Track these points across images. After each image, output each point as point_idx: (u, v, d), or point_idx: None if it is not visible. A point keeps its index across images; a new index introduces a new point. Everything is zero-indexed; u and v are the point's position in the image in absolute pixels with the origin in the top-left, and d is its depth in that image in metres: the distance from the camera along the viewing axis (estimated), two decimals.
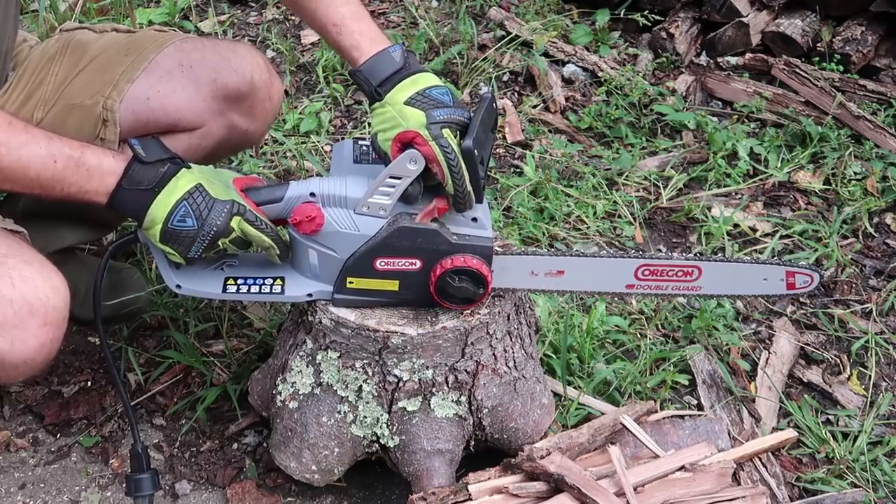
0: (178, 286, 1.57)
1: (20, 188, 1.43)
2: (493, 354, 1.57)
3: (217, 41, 1.77)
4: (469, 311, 1.53)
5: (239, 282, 1.57)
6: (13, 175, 1.39)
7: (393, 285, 1.51)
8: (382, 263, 1.48)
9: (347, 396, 1.56)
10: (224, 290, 1.56)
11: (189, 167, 1.47)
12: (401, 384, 1.53)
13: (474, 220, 1.49)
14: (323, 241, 1.50)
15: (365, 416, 1.57)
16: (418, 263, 1.48)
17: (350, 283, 1.51)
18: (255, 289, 1.56)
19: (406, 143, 1.42)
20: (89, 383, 1.96)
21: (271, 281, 1.57)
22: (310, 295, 1.55)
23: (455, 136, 1.42)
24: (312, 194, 1.48)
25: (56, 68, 1.72)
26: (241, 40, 3.21)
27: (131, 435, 1.61)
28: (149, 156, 1.42)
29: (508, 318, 1.59)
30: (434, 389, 1.55)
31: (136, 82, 1.65)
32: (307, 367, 1.59)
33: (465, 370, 1.55)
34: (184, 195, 1.41)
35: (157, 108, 1.66)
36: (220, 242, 1.45)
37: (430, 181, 1.45)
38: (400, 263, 1.48)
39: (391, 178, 1.44)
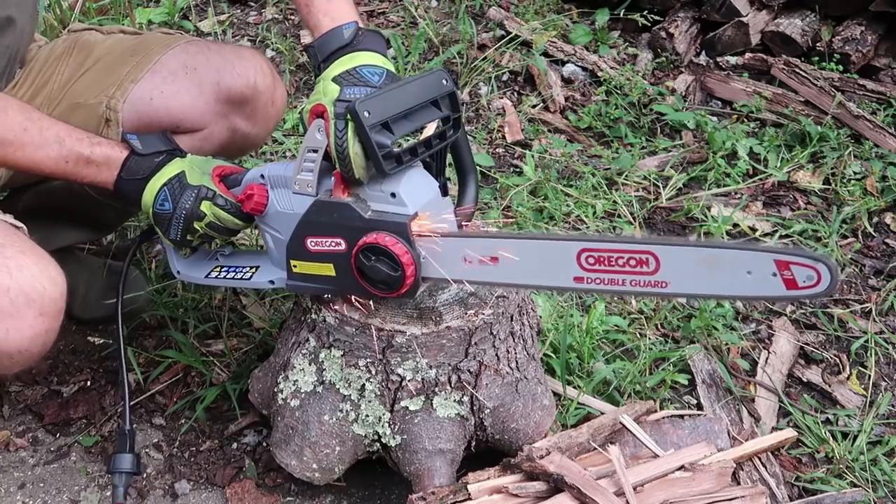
0: (179, 272, 1.70)
1: (37, 177, 1.54)
2: (496, 355, 1.57)
3: (223, 45, 1.80)
4: (473, 312, 1.51)
5: (223, 269, 1.66)
6: (28, 171, 1.51)
7: (329, 269, 1.46)
8: (313, 243, 1.45)
9: (350, 395, 1.56)
10: (208, 275, 1.66)
11: (183, 157, 1.56)
12: (403, 383, 1.53)
13: (393, 195, 1.39)
14: (272, 224, 1.52)
15: (367, 415, 1.57)
16: (342, 244, 1.42)
17: (294, 266, 1.50)
18: (230, 275, 1.64)
19: (319, 116, 1.42)
20: (89, 383, 1.96)
21: (247, 269, 1.63)
22: (271, 282, 1.57)
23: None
24: (262, 176, 1.51)
25: (62, 67, 1.74)
26: (244, 44, 3.20)
27: (124, 416, 1.66)
28: (145, 148, 1.54)
29: (512, 319, 1.58)
30: (437, 389, 1.54)
31: (140, 83, 1.67)
32: (310, 365, 1.59)
33: (468, 370, 1.55)
34: (166, 181, 1.52)
35: (160, 108, 1.68)
36: (196, 226, 1.53)
37: None
38: (327, 244, 1.44)
39: (309, 151, 1.42)
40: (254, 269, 1.61)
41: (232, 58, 1.72)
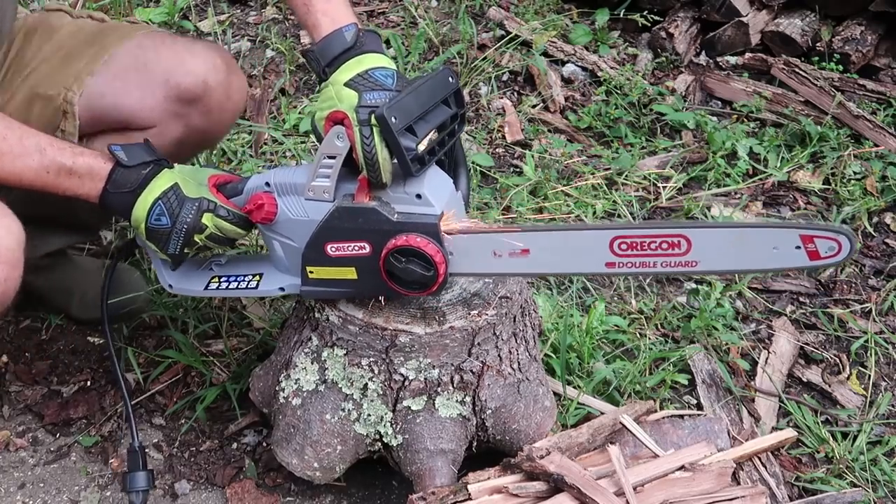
0: (171, 286, 1.66)
1: (19, 188, 1.48)
2: (499, 356, 1.57)
3: (177, 38, 1.75)
4: (477, 312, 1.51)
5: (222, 279, 1.63)
6: (8, 183, 1.46)
7: (350, 273, 1.47)
8: (333, 249, 1.45)
9: (352, 394, 1.56)
10: (206, 287, 1.63)
11: (172, 168, 1.53)
12: (406, 383, 1.53)
13: (418, 196, 1.41)
14: (281, 231, 1.51)
15: (369, 415, 1.57)
16: (367, 247, 1.43)
17: (311, 272, 1.49)
18: (233, 285, 1.61)
19: (338, 122, 1.40)
20: (89, 383, 1.96)
21: (250, 277, 1.60)
22: (282, 289, 1.56)
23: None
24: (267, 184, 1.50)
25: (26, 48, 1.70)
26: (244, 44, 3.20)
27: (130, 433, 1.67)
28: (131, 160, 1.49)
29: (514, 320, 1.58)
30: (439, 389, 1.54)
31: (95, 76, 1.64)
32: (312, 363, 1.59)
33: (471, 370, 1.55)
34: (160, 195, 1.47)
35: (110, 105, 1.66)
36: (196, 238, 1.50)
37: None
38: (349, 248, 1.44)
39: (327, 157, 1.42)
40: (258, 277, 1.60)
41: (183, 54, 1.68)
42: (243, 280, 1.61)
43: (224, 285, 1.62)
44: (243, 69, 3.02)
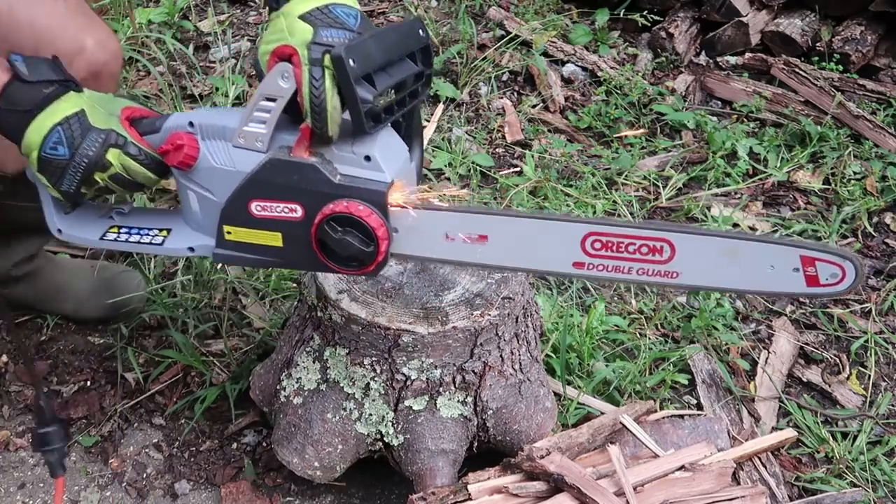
0: (60, 230, 1.47)
1: None
2: (501, 356, 1.57)
3: (58, 3, 1.54)
4: (479, 313, 1.50)
5: (122, 230, 1.45)
6: None
7: (275, 239, 1.29)
8: (259, 208, 1.27)
9: (354, 393, 1.56)
10: (103, 237, 1.45)
11: (80, 91, 1.33)
12: (408, 382, 1.53)
13: (367, 158, 1.22)
14: (200, 181, 1.32)
15: (370, 414, 1.57)
16: (299, 211, 1.25)
17: (228, 233, 1.32)
18: (135, 238, 1.43)
19: (284, 59, 1.20)
20: (88, 383, 1.96)
21: (155, 232, 1.43)
22: (191, 249, 1.39)
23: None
24: (191, 124, 1.31)
25: None
26: (245, 44, 3.19)
27: (35, 389, 1.54)
28: (32, 75, 1.28)
29: (517, 321, 1.58)
30: (441, 389, 1.54)
31: None
32: (314, 363, 1.59)
33: (473, 371, 1.54)
34: (61, 120, 1.27)
35: None
36: (97, 177, 1.31)
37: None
38: (278, 209, 1.26)
39: (266, 99, 1.22)
40: (164, 233, 1.41)
41: (55, 28, 1.50)
42: (147, 234, 1.43)
43: (124, 237, 1.43)
44: (243, 69, 3.02)
